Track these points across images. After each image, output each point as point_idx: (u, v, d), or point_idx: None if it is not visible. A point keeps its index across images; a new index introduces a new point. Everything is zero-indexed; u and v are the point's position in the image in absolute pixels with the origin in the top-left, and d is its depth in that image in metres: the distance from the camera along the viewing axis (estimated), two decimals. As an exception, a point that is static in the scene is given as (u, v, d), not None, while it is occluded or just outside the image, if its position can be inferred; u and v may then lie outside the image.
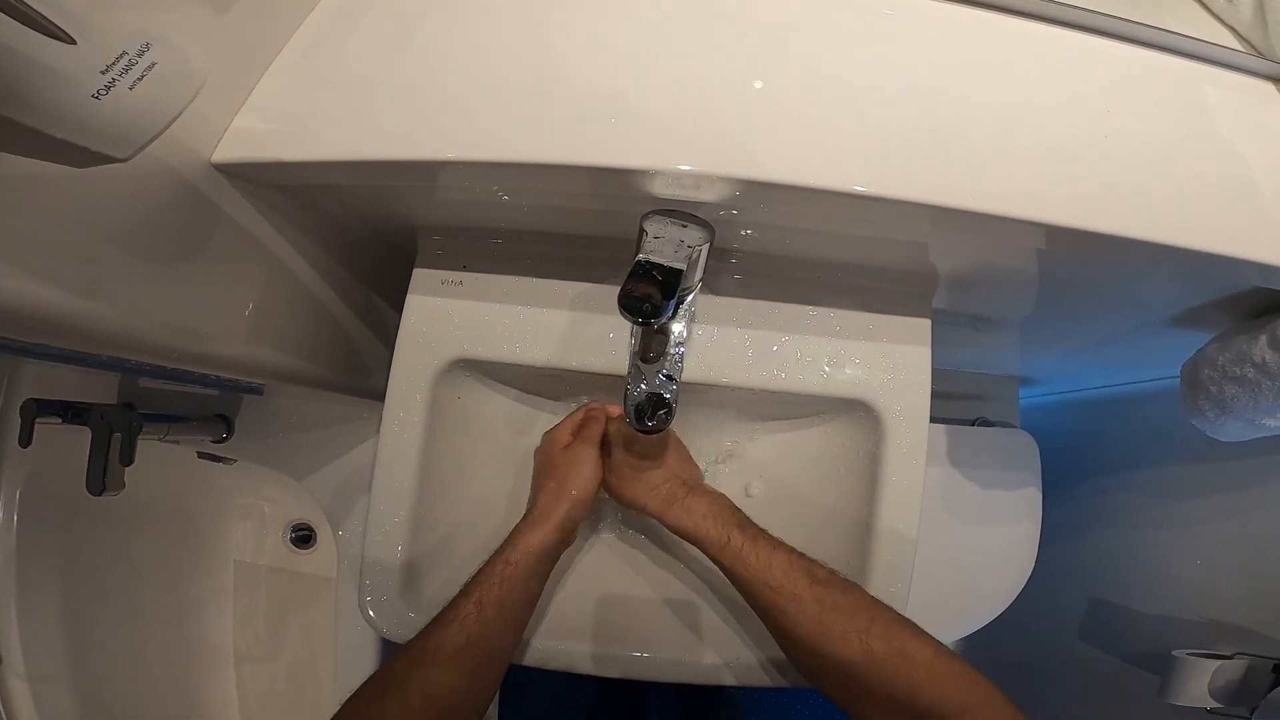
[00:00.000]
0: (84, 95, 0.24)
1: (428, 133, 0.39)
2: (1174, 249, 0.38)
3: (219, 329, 0.44)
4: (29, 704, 0.66)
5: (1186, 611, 0.72)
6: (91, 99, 0.24)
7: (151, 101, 0.26)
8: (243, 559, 0.88)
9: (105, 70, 0.24)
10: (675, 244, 0.36)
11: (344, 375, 0.60)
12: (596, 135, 0.38)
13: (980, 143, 0.39)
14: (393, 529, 0.50)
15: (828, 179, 0.37)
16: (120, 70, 0.25)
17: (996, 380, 0.84)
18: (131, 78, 0.25)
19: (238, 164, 0.39)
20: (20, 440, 0.62)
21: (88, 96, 0.24)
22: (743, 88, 0.39)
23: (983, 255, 0.48)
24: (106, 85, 0.24)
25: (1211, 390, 0.49)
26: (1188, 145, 0.42)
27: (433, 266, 0.51)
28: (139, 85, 0.25)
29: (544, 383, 0.56)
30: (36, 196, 0.29)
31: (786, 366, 0.50)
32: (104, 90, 0.24)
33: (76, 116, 0.24)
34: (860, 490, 0.51)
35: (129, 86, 0.25)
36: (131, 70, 0.25)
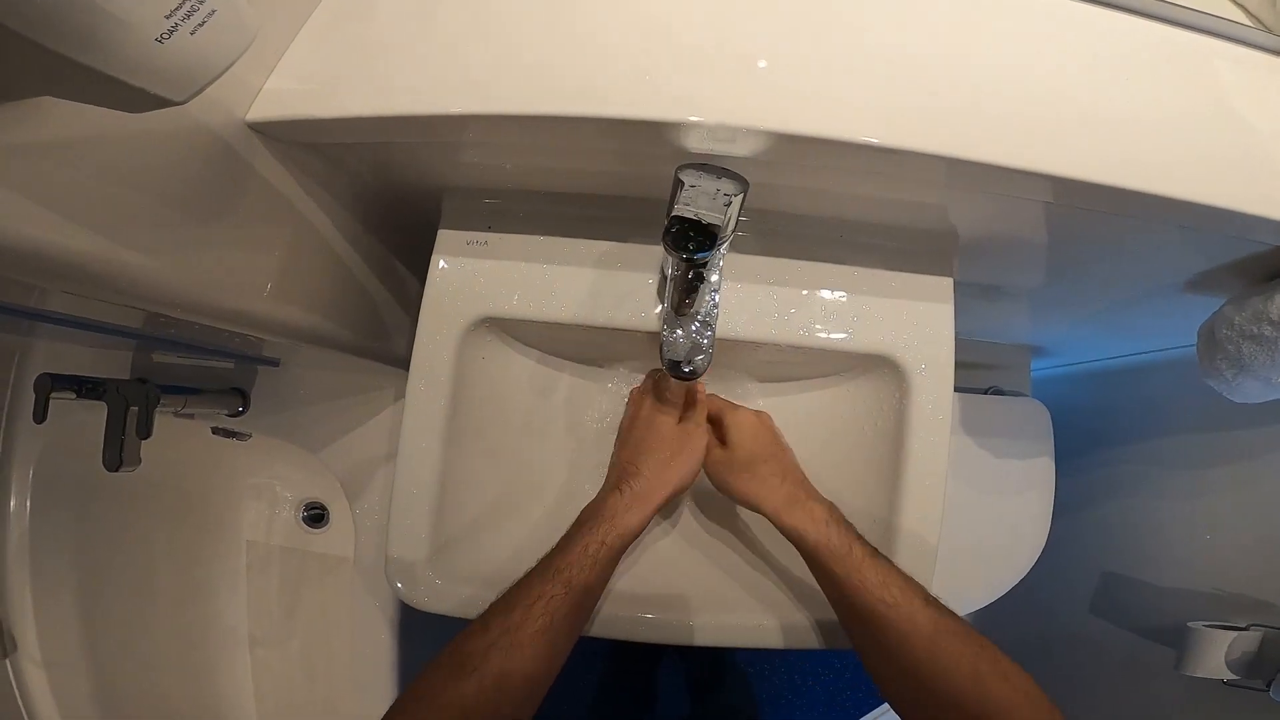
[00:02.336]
0: (148, 38, 0.24)
1: (458, 88, 0.39)
2: (1187, 204, 0.39)
3: (249, 285, 0.45)
4: (45, 689, 0.66)
5: (1200, 583, 0.72)
6: (155, 42, 0.25)
7: (210, 47, 0.27)
8: (255, 539, 0.88)
9: (169, 15, 0.25)
10: (712, 193, 0.36)
11: (367, 338, 0.60)
12: (634, 90, 0.38)
13: (1000, 103, 0.40)
14: (420, 491, 0.50)
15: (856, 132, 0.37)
16: (182, 16, 0.25)
17: (1009, 350, 0.85)
18: (193, 23, 0.26)
19: (270, 122, 0.40)
20: (35, 415, 0.62)
21: (151, 40, 0.24)
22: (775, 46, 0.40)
23: (998, 216, 0.48)
24: (170, 30, 0.25)
25: (1229, 349, 0.50)
26: (1199, 113, 0.43)
27: (458, 227, 0.52)
28: (199, 31, 0.26)
29: (569, 343, 0.56)
30: (92, 156, 0.31)
31: (811, 323, 0.51)
32: (167, 35, 0.25)
33: (140, 59, 0.25)
34: (886, 449, 0.52)
35: (190, 32, 0.26)
36: (193, 16, 0.25)
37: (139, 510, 0.78)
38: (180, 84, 0.27)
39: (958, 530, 0.75)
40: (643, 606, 0.51)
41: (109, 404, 0.63)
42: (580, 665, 1.24)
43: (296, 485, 0.87)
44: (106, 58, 0.24)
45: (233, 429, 0.78)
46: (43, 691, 0.65)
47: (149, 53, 0.25)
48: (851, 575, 0.43)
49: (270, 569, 0.88)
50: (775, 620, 0.51)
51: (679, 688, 1.23)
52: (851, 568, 0.43)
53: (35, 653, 0.66)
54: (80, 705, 0.68)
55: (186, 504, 0.83)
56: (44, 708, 0.65)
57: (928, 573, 0.50)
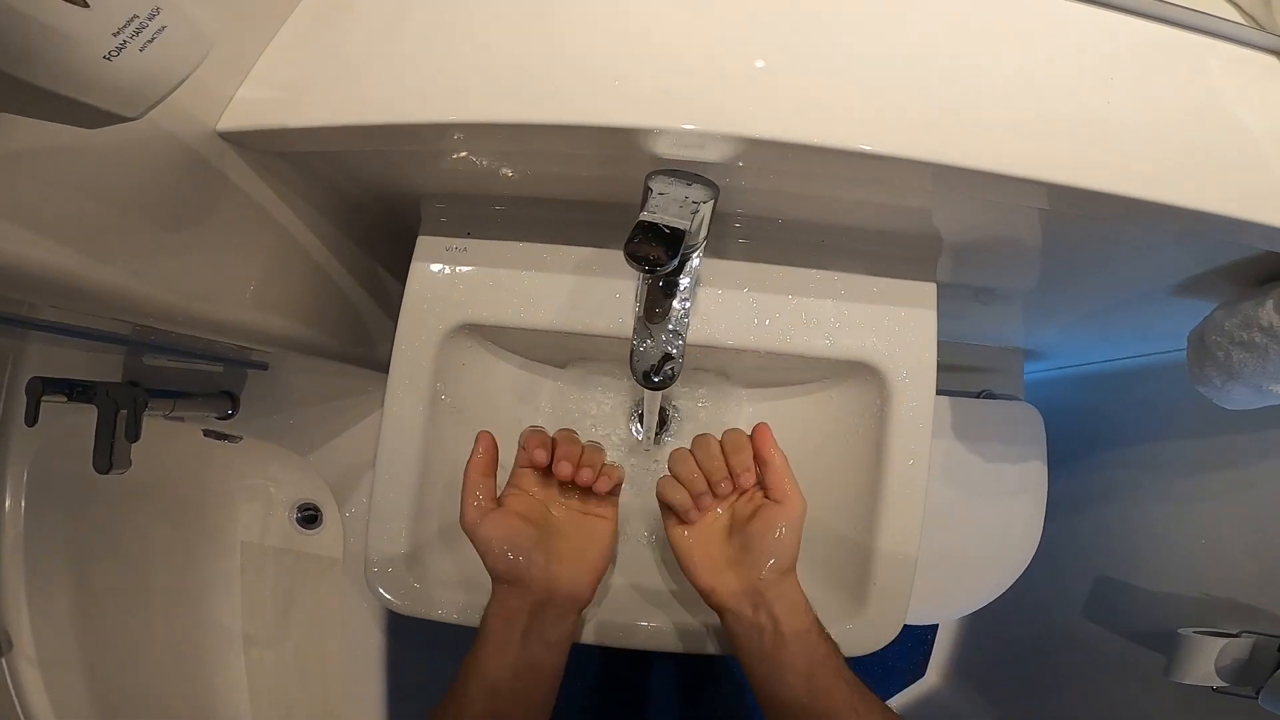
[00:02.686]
0: (96, 56, 0.24)
1: (431, 96, 0.39)
2: (1177, 209, 0.38)
3: (227, 294, 0.45)
4: (40, 688, 0.66)
5: (1192, 589, 0.72)
6: (103, 60, 0.25)
7: (161, 63, 0.27)
8: (250, 540, 0.89)
9: (117, 33, 0.25)
10: (680, 200, 0.36)
11: (349, 344, 0.60)
12: (601, 96, 0.38)
13: (983, 106, 0.39)
14: (398, 498, 0.50)
15: (831, 138, 0.37)
16: (131, 33, 0.25)
17: (1001, 353, 0.84)
18: (142, 40, 0.26)
19: (242, 132, 0.40)
20: (26, 419, 0.62)
21: (99, 57, 0.25)
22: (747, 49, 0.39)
23: (985, 220, 0.47)
24: (118, 47, 0.25)
25: (1218, 356, 0.49)
26: (1191, 113, 0.42)
27: (437, 234, 0.51)
28: (149, 48, 0.26)
29: (550, 349, 0.56)
30: (55, 166, 0.31)
31: (792, 329, 0.50)
32: (115, 52, 0.25)
33: (88, 77, 0.25)
34: (866, 456, 0.51)
35: (139, 49, 0.26)
36: (142, 33, 0.26)
37: (134, 512, 0.78)
38: (131, 100, 0.27)
39: (949, 534, 0.75)
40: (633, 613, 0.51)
41: (99, 407, 0.63)
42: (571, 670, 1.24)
43: (290, 487, 0.88)
44: (54, 76, 0.24)
45: (223, 432, 0.78)
46: (38, 691, 0.66)
47: (97, 70, 0.25)
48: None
49: (264, 570, 0.89)
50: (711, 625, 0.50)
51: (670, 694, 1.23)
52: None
53: (31, 652, 0.66)
54: (76, 705, 0.68)
55: (181, 505, 0.84)
56: (39, 708, 0.65)
57: (906, 581, 0.49)
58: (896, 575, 0.50)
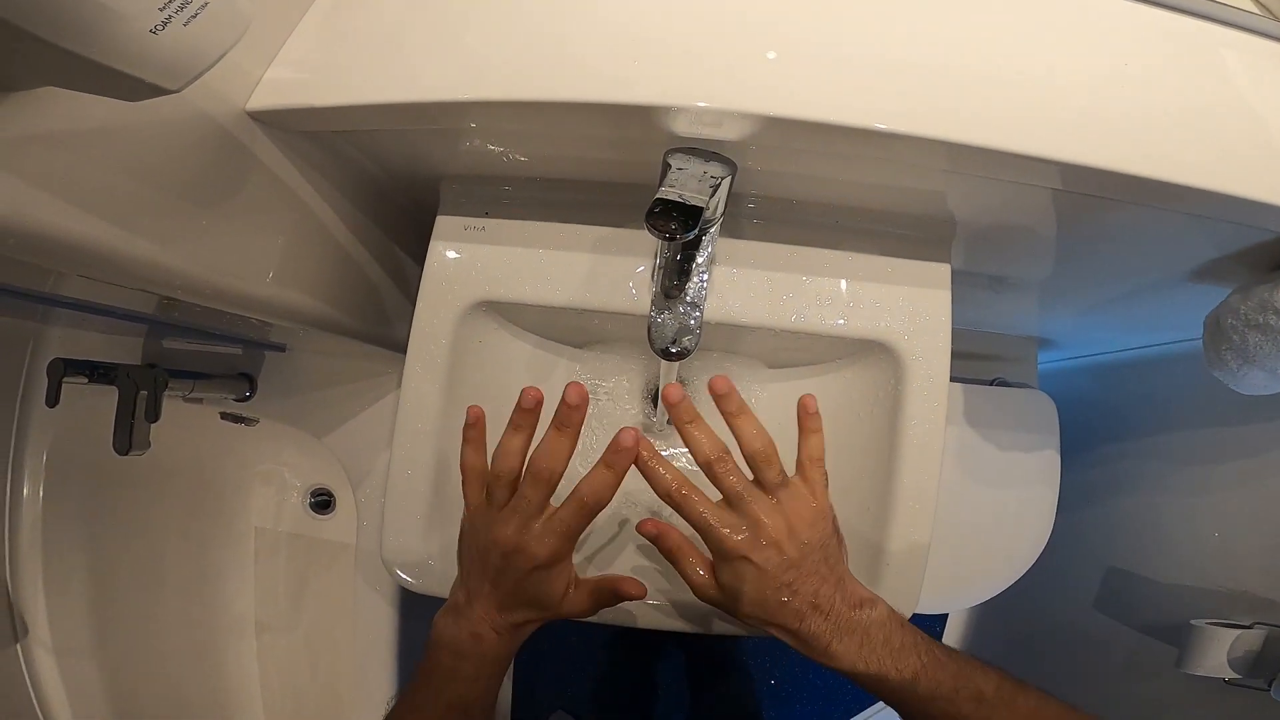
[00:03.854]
0: (143, 29, 0.25)
1: (453, 75, 0.40)
2: (1191, 189, 0.39)
3: (251, 270, 0.45)
4: (55, 674, 0.67)
5: (1204, 580, 0.71)
6: (149, 33, 0.26)
7: (203, 37, 0.28)
8: (263, 525, 0.89)
9: (162, 7, 0.26)
10: (699, 175, 0.36)
11: (367, 323, 0.61)
12: (621, 74, 0.38)
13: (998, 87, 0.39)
14: (415, 474, 0.51)
15: (847, 116, 0.37)
16: (175, 8, 0.26)
17: (1015, 341, 0.83)
18: (186, 15, 0.26)
19: (270, 111, 0.41)
20: (48, 400, 0.63)
21: (146, 31, 0.25)
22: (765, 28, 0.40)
23: (1000, 203, 0.48)
24: (163, 21, 0.26)
25: (1234, 339, 0.49)
26: (1205, 100, 0.42)
27: (455, 213, 0.52)
28: (193, 22, 0.27)
29: (566, 327, 0.56)
30: (93, 143, 0.32)
31: (806, 308, 0.51)
32: (161, 26, 0.26)
33: (135, 49, 0.26)
34: (879, 437, 0.51)
35: (184, 23, 0.27)
36: (186, 8, 0.26)
37: (150, 495, 0.79)
38: (175, 73, 0.28)
39: (961, 523, 0.74)
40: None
41: (120, 388, 0.64)
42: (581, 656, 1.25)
43: (304, 472, 0.88)
44: (103, 49, 0.25)
45: (240, 414, 0.79)
46: (52, 676, 0.66)
47: (144, 43, 0.25)
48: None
49: (278, 555, 0.89)
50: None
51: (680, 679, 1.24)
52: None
53: (46, 638, 0.67)
54: (89, 690, 0.69)
55: (196, 490, 0.85)
56: (54, 693, 0.66)
57: (918, 568, 0.49)
58: (908, 561, 0.50)
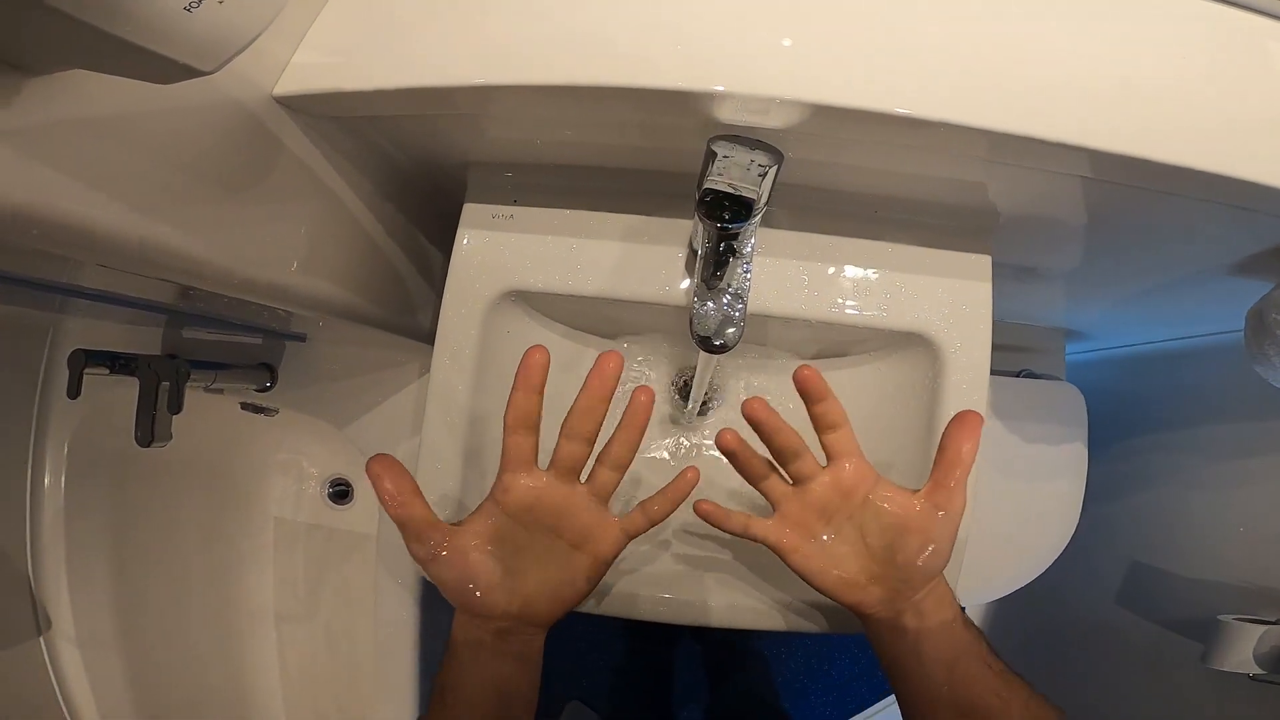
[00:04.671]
0: (178, 8, 0.24)
1: (484, 58, 0.38)
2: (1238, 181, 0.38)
3: (277, 258, 0.45)
4: (79, 665, 0.67)
5: (1230, 576, 0.71)
6: (184, 11, 0.25)
7: (238, 17, 0.27)
8: (283, 516, 0.89)
9: None
10: (745, 164, 0.35)
11: (393, 312, 0.60)
12: (663, 58, 0.37)
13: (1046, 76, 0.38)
14: (444, 466, 0.50)
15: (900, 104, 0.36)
16: None
17: (1043, 333, 0.82)
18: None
19: (298, 96, 0.40)
20: (69, 391, 0.62)
21: (180, 9, 0.24)
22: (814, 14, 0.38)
23: (1042, 193, 0.46)
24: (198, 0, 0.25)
25: (1278, 334, 0.47)
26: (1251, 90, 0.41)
27: (483, 201, 0.51)
28: (227, 2, 0.26)
29: (595, 317, 0.55)
30: (123, 130, 0.31)
31: (844, 299, 0.50)
32: (195, 4, 0.25)
33: (170, 29, 0.25)
34: (916, 432, 0.51)
35: (219, 2, 0.25)
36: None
37: (170, 486, 0.79)
38: (209, 54, 0.27)
39: (986, 516, 0.73)
40: (657, 586, 0.51)
41: (141, 379, 0.64)
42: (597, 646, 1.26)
43: (322, 462, 0.88)
44: (136, 28, 0.24)
45: (260, 404, 0.79)
46: (76, 668, 0.67)
47: (178, 22, 0.24)
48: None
49: (296, 546, 0.89)
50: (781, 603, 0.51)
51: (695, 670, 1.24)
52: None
53: (69, 629, 0.67)
54: (113, 681, 0.69)
55: (216, 480, 0.85)
56: (77, 684, 0.66)
57: (956, 561, 0.49)
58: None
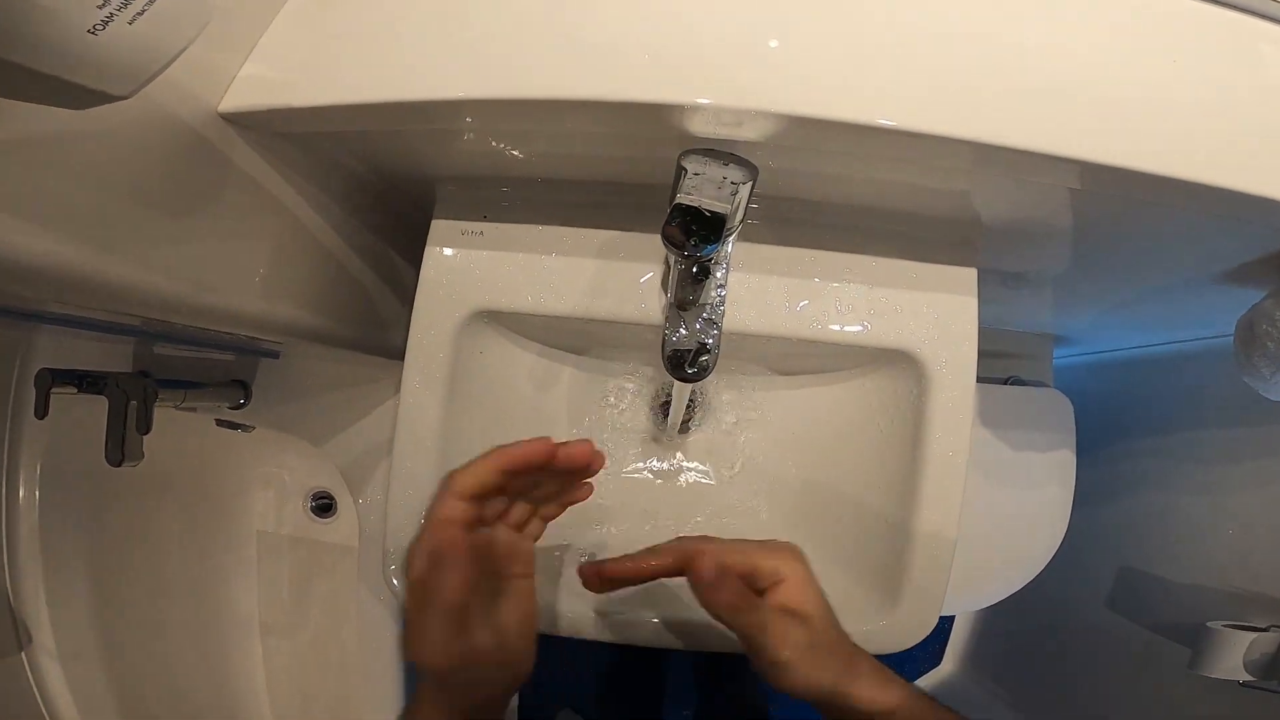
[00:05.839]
0: (80, 30, 0.22)
1: (447, 71, 0.37)
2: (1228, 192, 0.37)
3: (234, 283, 0.43)
4: (61, 680, 0.66)
5: (1219, 582, 0.71)
6: (89, 34, 0.23)
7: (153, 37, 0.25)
8: (265, 529, 0.89)
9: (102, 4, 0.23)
10: (718, 180, 0.34)
11: (361, 332, 0.59)
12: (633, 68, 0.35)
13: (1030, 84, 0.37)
14: (416, 491, 0.49)
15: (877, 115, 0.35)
16: (119, 4, 0.23)
17: (1030, 338, 0.82)
18: (131, 12, 0.24)
19: (245, 112, 0.38)
20: (36, 411, 0.61)
21: (83, 32, 0.23)
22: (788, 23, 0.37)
23: (1027, 203, 0.45)
24: (104, 20, 0.23)
25: (1269, 346, 0.47)
26: (1243, 96, 0.40)
27: (452, 217, 0.50)
28: (139, 19, 0.24)
29: (570, 336, 0.54)
30: (50, 153, 0.29)
31: (826, 315, 0.49)
32: (101, 26, 0.23)
33: (72, 53, 0.23)
34: (901, 449, 0.50)
35: (128, 21, 0.24)
36: (131, 4, 0.23)
37: (149, 501, 0.78)
38: (121, 77, 0.25)
39: (975, 523, 0.73)
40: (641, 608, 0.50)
41: (109, 399, 0.62)
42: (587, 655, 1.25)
43: (303, 475, 0.87)
44: (35, 53, 0.22)
45: (236, 421, 0.78)
46: (59, 683, 0.66)
47: (82, 46, 0.23)
48: None
49: (280, 559, 0.89)
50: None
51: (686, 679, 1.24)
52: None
53: (50, 645, 0.66)
54: (97, 696, 0.68)
55: (197, 495, 0.84)
56: (61, 700, 0.65)
57: (942, 579, 0.48)
58: (931, 573, 0.48)
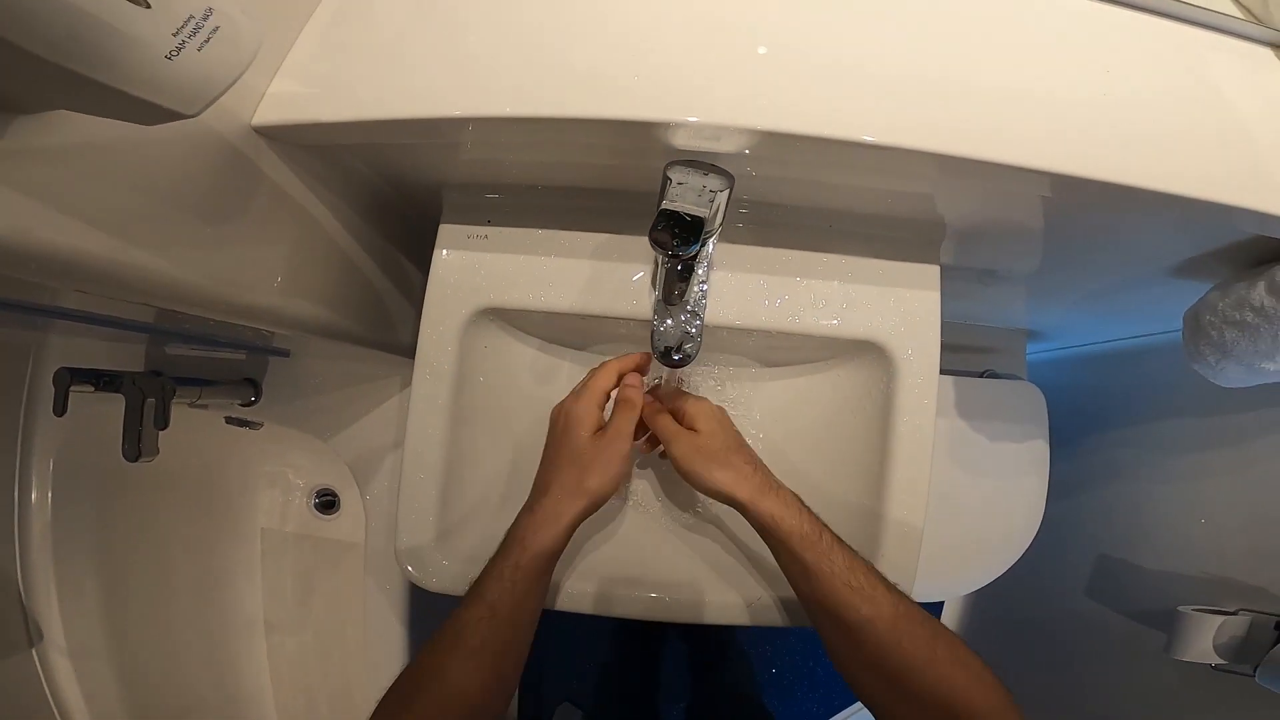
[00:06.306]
0: (158, 56, 0.25)
1: (456, 90, 0.40)
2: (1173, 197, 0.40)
3: (257, 281, 0.46)
4: (71, 677, 0.68)
5: (1191, 567, 0.73)
6: (165, 59, 0.26)
7: (217, 62, 0.28)
8: (270, 526, 0.90)
9: (176, 33, 0.26)
10: (699, 189, 0.38)
11: (372, 329, 0.62)
12: (623, 89, 0.39)
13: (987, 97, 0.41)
14: (427, 476, 0.52)
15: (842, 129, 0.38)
16: (189, 33, 0.26)
17: (1003, 333, 0.85)
18: (199, 40, 0.27)
19: (276, 126, 0.41)
20: (55, 409, 0.63)
21: (161, 57, 0.26)
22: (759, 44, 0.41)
23: (988, 206, 0.49)
24: (177, 47, 0.26)
25: (1212, 335, 0.51)
26: (1188, 105, 0.43)
27: (458, 222, 0.53)
28: (206, 47, 0.27)
29: (568, 331, 0.57)
30: (104, 162, 0.32)
31: (800, 310, 0.52)
32: (175, 52, 0.26)
33: (152, 76, 0.26)
34: (873, 434, 0.53)
35: (197, 48, 0.27)
36: (199, 33, 0.27)
37: (158, 499, 0.80)
38: (191, 98, 0.28)
39: (952, 514, 0.76)
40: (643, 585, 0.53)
41: (126, 396, 0.64)
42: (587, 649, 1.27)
43: (308, 472, 0.89)
44: (122, 75, 0.25)
45: (245, 418, 0.80)
46: (69, 680, 0.68)
47: (160, 69, 0.26)
48: (820, 561, 0.44)
49: (285, 556, 0.90)
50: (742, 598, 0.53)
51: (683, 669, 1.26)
52: (821, 554, 0.44)
53: (61, 641, 0.68)
54: (105, 693, 0.70)
55: (203, 492, 0.86)
56: (71, 697, 0.67)
57: (913, 557, 0.51)
58: (903, 551, 0.51)
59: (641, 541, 0.57)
